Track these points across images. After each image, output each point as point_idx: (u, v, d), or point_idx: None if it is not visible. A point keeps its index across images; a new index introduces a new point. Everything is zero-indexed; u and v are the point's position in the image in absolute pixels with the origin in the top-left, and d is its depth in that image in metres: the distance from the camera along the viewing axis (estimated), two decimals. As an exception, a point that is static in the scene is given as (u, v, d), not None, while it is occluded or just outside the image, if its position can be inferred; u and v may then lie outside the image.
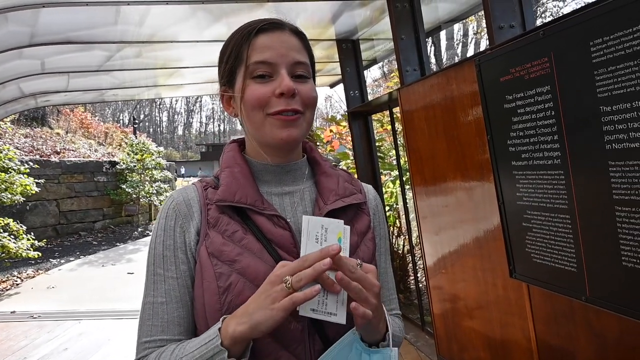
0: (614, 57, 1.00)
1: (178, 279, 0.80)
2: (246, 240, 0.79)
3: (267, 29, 0.81)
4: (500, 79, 1.42)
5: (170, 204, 0.84)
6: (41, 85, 4.06)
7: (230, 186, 0.82)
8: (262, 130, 0.82)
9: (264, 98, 0.79)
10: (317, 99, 0.85)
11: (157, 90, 5.50)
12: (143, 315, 0.81)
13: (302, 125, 0.82)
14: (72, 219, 11.06)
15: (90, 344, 4.29)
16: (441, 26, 3.12)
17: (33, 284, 6.98)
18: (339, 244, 0.69)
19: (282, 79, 0.78)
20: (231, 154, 0.89)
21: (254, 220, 0.81)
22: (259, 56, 0.79)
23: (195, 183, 0.88)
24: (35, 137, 12.77)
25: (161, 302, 0.80)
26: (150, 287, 0.81)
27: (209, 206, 0.82)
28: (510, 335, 1.92)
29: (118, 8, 2.37)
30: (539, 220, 1.37)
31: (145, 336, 0.79)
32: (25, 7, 2.18)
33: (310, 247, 0.72)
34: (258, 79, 0.80)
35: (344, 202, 0.87)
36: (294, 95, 0.79)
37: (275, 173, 0.88)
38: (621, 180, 1.05)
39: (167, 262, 0.81)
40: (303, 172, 0.91)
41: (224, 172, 0.85)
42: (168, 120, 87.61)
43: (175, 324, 0.79)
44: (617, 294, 1.12)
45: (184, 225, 0.82)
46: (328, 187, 0.88)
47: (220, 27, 2.91)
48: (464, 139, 2.03)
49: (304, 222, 0.73)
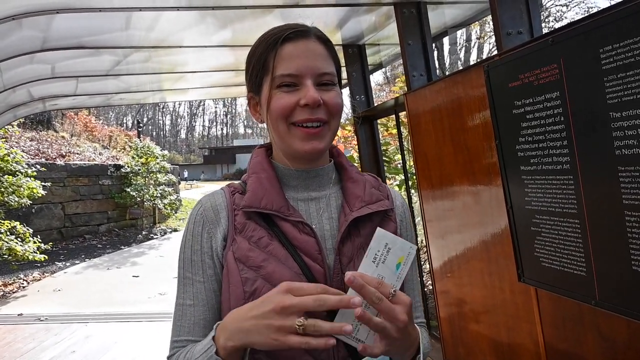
0: (624, 64, 1.02)
1: (205, 283, 0.83)
2: (272, 246, 0.80)
3: (292, 38, 0.82)
4: (509, 85, 1.44)
5: (198, 209, 0.86)
6: (50, 89, 4.10)
7: (256, 192, 0.83)
8: (287, 141, 0.83)
9: (289, 108, 0.80)
10: (343, 105, 0.86)
11: (163, 95, 5.54)
12: (175, 315, 0.84)
13: (327, 135, 0.83)
14: (77, 222, 11.12)
15: (97, 346, 4.31)
16: (447, 31, 3.14)
17: (39, 286, 7.01)
18: (359, 299, 0.64)
19: (308, 89, 0.79)
20: (258, 159, 0.90)
21: (279, 226, 0.82)
22: (285, 67, 0.80)
23: (223, 188, 0.90)
24: (41, 141, 12.86)
25: (189, 305, 0.82)
26: (180, 290, 0.84)
27: (236, 212, 0.84)
28: (518, 339, 1.93)
29: (130, 14, 2.40)
30: (548, 225, 1.38)
31: (175, 335, 0.83)
32: (40, 13, 2.22)
33: (366, 265, 0.70)
34: (284, 88, 0.81)
35: (370, 209, 0.86)
36: (319, 105, 0.80)
37: (302, 178, 0.88)
38: (631, 186, 1.06)
39: (194, 266, 0.83)
40: (330, 177, 0.91)
41: (251, 177, 0.87)
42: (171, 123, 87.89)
43: (201, 326, 0.82)
44: (627, 297, 1.13)
45: (210, 231, 0.84)
46: (354, 194, 0.88)
47: (226, 32, 2.94)
48: (471, 144, 2.04)
49: (375, 234, 0.71)
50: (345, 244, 0.83)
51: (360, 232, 0.85)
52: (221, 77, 4.41)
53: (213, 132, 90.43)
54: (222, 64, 3.79)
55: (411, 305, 0.70)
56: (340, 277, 0.80)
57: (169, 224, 14.16)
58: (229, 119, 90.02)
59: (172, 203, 13.86)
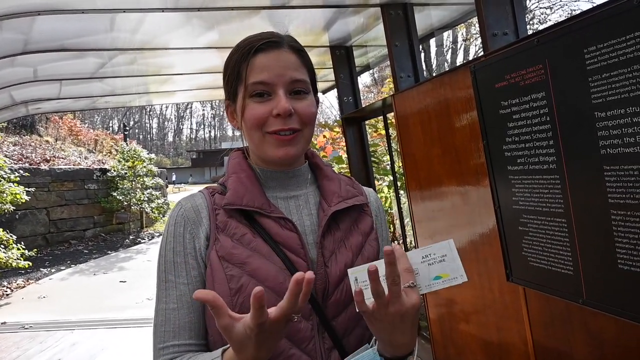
0: (608, 64, 1.03)
1: (189, 285, 0.82)
2: (255, 242, 0.81)
3: (264, 49, 0.83)
4: (496, 85, 1.45)
5: (178, 211, 0.86)
6: (33, 92, 4.03)
7: (237, 190, 0.84)
8: (261, 148, 0.85)
9: (262, 118, 0.82)
10: (316, 113, 0.88)
11: (149, 97, 5.48)
12: (156, 321, 0.82)
13: (300, 142, 0.85)
14: (62, 228, 10.94)
15: (83, 354, 4.24)
16: (434, 33, 3.16)
17: (23, 294, 6.88)
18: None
19: (279, 99, 0.81)
20: (237, 160, 0.92)
21: (261, 223, 0.83)
22: (257, 77, 0.82)
23: (202, 190, 0.91)
24: (25, 145, 12.64)
25: (173, 308, 0.81)
26: (162, 294, 0.82)
27: (217, 211, 0.85)
28: (507, 339, 1.93)
29: (114, 15, 2.37)
30: (535, 224, 1.39)
31: (159, 342, 0.81)
32: (20, 14, 2.17)
33: (414, 254, 0.70)
34: (256, 97, 0.82)
35: (347, 203, 0.89)
36: (291, 114, 0.81)
37: (280, 179, 0.91)
38: (616, 184, 1.07)
39: (177, 268, 0.82)
40: (306, 178, 0.94)
41: (230, 177, 0.88)
42: (158, 127, 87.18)
43: (187, 329, 0.81)
44: (613, 296, 1.14)
45: (193, 231, 0.83)
46: (331, 190, 0.91)
47: (213, 34, 2.92)
48: (459, 144, 2.05)
49: (445, 241, 0.71)
50: (327, 237, 0.86)
51: (340, 226, 0.88)
52: (208, 79, 4.38)
53: (201, 134, 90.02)
54: (209, 66, 3.77)
55: (417, 309, 0.69)
56: (324, 269, 0.82)
57: (157, 228, 14.01)
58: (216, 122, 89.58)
59: (160, 207, 13.72)
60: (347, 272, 0.72)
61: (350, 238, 0.89)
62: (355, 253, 0.87)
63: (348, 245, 0.87)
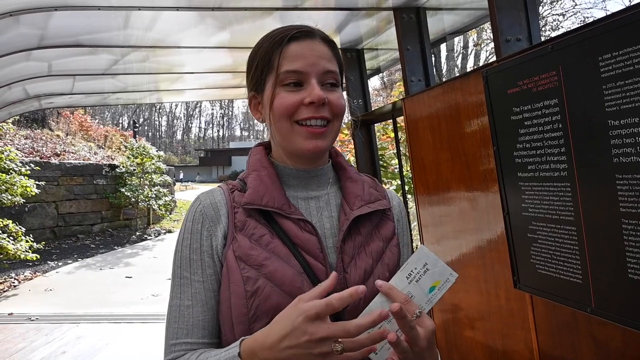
0: (623, 73, 1.02)
1: (204, 283, 0.80)
2: (273, 244, 0.79)
3: (298, 37, 0.82)
4: (508, 91, 1.44)
5: (197, 206, 0.84)
6: (46, 87, 4.07)
7: (257, 189, 0.82)
8: (289, 140, 0.82)
9: (293, 107, 0.80)
10: (345, 107, 0.86)
11: (159, 95, 5.52)
12: (170, 317, 0.81)
13: (330, 135, 0.83)
14: (70, 222, 11.04)
15: (88, 347, 4.27)
16: (446, 37, 3.15)
17: (30, 286, 6.95)
18: (397, 305, 0.63)
19: (313, 87, 0.79)
20: (258, 157, 0.89)
21: (280, 224, 0.81)
22: (290, 65, 0.80)
23: (221, 185, 0.88)
24: (36, 139, 12.78)
25: (187, 305, 0.80)
26: (176, 290, 0.81)
27: (235, 209, 0.82)
28: (513, 346, 1.92)
29: (129, 13, 2.39)
30: (545, 232, 1.38)
31: (171, 338, 0.79)
32: (38, 9, 2.20)
33: (398, 279, 0.69)
34: (288, 87, 0.81)
35: (370, 207, 0.87)
36: (323, 103, 0.80)
37: (301, 178, 0.88)
38: (628, 194, 1.06)
39: (193, 265, 0.81)
40: (328, 177, 0.91)
41: (251, 175, 0.86)
42: (167, 124, 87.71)
43: (200, 327, 0.79)
44: (622, 305, 1.13)
45: (211, 229, 0.82)
46: (354, 193, 0.88)
47: (225, 34, 2.94)
48: (468, 149, 2.05)
49: (417, 250, 0.70)
50: (347, 242, 0.83)
51: (360, 231, 0.86)
52: (219, 79, 4.40)
53: (209, 134, 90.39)
54: (220, 66, 3.79)
55: (434, 332, 0.69)
56: (343, 275, 0.80)
57: (164, 225, 14.09)
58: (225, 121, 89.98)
59: (167, 204, 13.80)
60: (368, 284, 0.73)
61: (370, 243, 0.86)
62: (376, 259, 0.85)
63: (368, 251, 0.85)
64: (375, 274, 0.82)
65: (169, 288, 0.86)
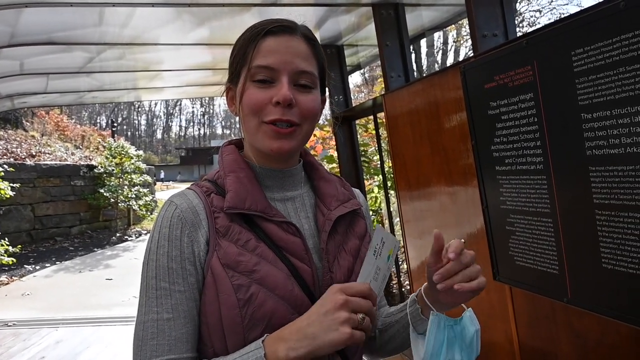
0: (595, 67, 1.04)
1: (185, 292, 0.74)
2: (260, 248, 0.76)
3: (275, 32, 0.79)
4: (485, 86, 1.46)
5: (173, 211, 0.77)
6: (19, 86, 3.96)
7: (239, 192, 0.78)
8: (255, 137, 0.80)
9: (260, 104, 0.77)
10: (319, 110, 0.83)
11: (137, 93, 5.43)
12: (144, 335, 0.72)
13: (297, 138, 0.80)
14: (47, 224, 10.78)
15: (68, 352, 4.19)
16: (425, 33, 3.17)
17: (7, 291, 6.77)
18: (454, 254, 0.78)
19: (281, 87, 0.76)
20: (232, 157, 0.85)
21: (262, 227, 0.78)
22: (262, 60, 0.77)
23: (192, 188, 0.83)
24: (9, 140, 12.42)
25: (167, 319, 0.72)
26: (152, 303, 0.73)
27: (216, 214, 0.77)
28: (493, 338, 1.95)
29: (103, 9, 2.34)
30: (522, 224, 1.40)
31: (149, 357, 0.71)
32: (6, 6, 2.13)
33: (369, 258, 0.74)
34: (258, 83, 0.78)
35: (346, 207, 0.87)
36: (291, 105, 0.76)
37: (277, 178, 0.86)
38: (601, 185, 1.09)
39: (173, 274, 0.74)
40: (300, 177, 0.90)
41: (229, 177, 0.81)
42: (147, 123, 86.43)
43: (184, 341, 0.73)
44: (597, 295, 1.16)
45: (192, 235, 0.76)
46: (328, 193, 0.87)
47: (203, 30, 2.90)
48: (447, 144, 2.07)
49: (376, 230, 0.76)
50: (329, 242, 0.82)
51: (338, 230, 0.85)
52: (198, 76, 4.35)
53: (190, 132, 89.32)
54: (199, 63, 3.74)
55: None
56: (330, 276, 0.80)
57: (144, 226, 13.88)
58: (206, 119, 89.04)
59: (148, 204, 13.59)
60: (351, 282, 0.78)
61: (348, 242, 0.86)
62: (354, 257, 0.85)
63: (347, 249, 0.85)
64: (356, 272, 0.82)
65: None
